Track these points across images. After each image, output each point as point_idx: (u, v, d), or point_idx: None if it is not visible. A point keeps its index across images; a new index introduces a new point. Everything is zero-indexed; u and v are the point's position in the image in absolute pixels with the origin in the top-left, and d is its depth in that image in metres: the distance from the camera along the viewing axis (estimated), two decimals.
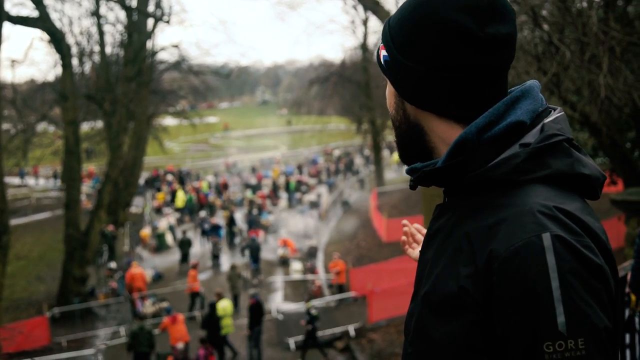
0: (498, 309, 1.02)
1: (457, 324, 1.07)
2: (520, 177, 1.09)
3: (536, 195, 1.07)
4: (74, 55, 24.73)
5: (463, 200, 1.17)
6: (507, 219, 1.05)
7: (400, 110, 1.26)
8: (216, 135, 69.55)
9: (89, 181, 36.72)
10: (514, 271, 1.00)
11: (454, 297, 1.07)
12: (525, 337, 0.99)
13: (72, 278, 19.77)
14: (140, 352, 13.04)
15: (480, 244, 1.06)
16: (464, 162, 1.12)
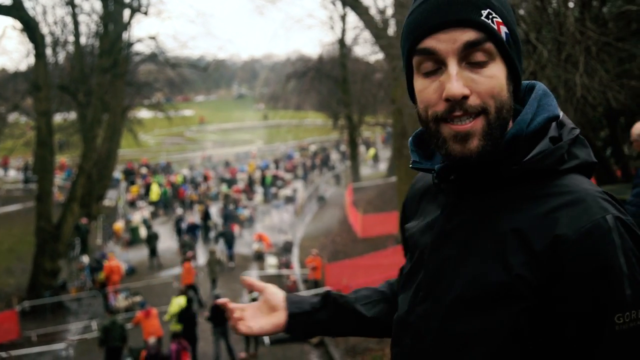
0: (568, 288, 1.07)
1: (503, 315, 1.11)
2: (561, 167, 1.17)
3: (582, 182, 1.16)
4: (48, 44, 24.38)
5: (488, 197, 1.20)
6: (567, 205, 1.11)
7: (510, 93, 1.18)
8: (192, 129, 69.08)
9: (61, 173, 36.22)
10: (587, 250, 1.06)
11: (503, 287, 1.11)
12: (599, 310, 1.05)
13: (43, 271, 19.50)
14: (112, 347, 12.89)
15: (536, 232, 1.10)
16: (513, 155, 1.17)
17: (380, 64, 21.23)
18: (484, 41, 1.13)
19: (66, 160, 39.36)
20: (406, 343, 1.28)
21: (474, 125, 1.13)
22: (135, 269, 21.89)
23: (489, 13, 1.14)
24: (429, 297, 1.24)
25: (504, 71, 1.16)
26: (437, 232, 1.26)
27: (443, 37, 1.13)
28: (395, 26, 17.17)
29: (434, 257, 1.25)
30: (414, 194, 1.48)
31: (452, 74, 1.12)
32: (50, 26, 26.09)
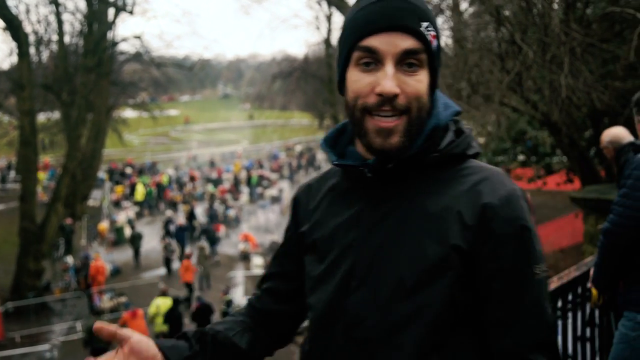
0: (497, 247, 1.27)
1: (440, 287, 1.27)
2: (467, 152, 1.37)
3: (484, 164, 1.39)
4: (31, 43, 24.09)
5: (411, 184, 1.35)
6: (483, 180, 1.31)
7: (429, 99, 1.35)
8: (177, 129, 68.74)
9: (45, 173, 35.91)
10: (508, 213, 1.28)
11: (440, 261, 1.27)
12: (523, 263, 1.28)
13: (27, 272, 19.33)
14: (97, 348, 12.80)
15: (466, 204, 1.29)
16: (434, 144, 1.34)
17: None
18: (420, 51, 1.28)
19: (49, 160, 39.01)
20: (337, 333, 1.36)
21: (397, 123, 1.28)
22: (120, 270, 21.76)
23: (428, 26, 1.29)
24: (364, 284, 1.34)
25: (428, 78, 1.32)
26: (367, 223, 1.36)
27: (385, 40, 1.27)
28: None
29: (366, 246, 1.35)
30: (305, 201, 1.56)
31: (388, 73, 1.26)
32: (33, 25, 25.81)
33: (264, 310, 1.63)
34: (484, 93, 9.00)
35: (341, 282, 1.37)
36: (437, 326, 1.28)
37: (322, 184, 1.54)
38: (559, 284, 3.37)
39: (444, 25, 10.90)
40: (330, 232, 1.43)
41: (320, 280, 1.43)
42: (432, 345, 1.29)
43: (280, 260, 1.64)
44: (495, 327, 1.30)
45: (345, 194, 1.45)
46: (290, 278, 1.59)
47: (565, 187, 15.09)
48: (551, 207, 19.61)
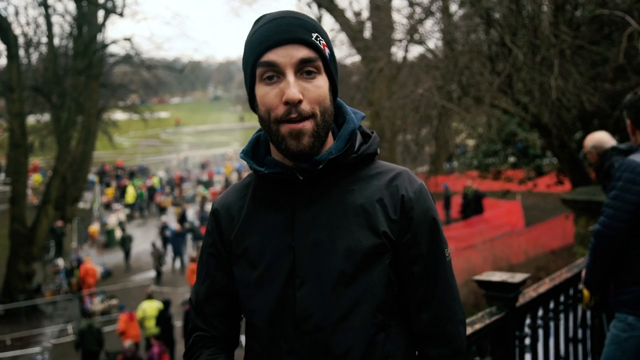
0: (415, 235, 1.48)
1: (379, 271, 1.45)
2: (376, 152, 1.56)
3: (390, 163, 1.58)
4: (21, 45, 23.95)
5: (335, 184, 1.49)
6: (397, 176, 1.51)
7: (331, 102, 1.49)
8: (167, 131, 68.57)
9: (35, 175, 35.70)
10: (422, 205, 1.49)
11: (376, 247, 1.44)
12: (437, 248, 1.50)
13: (17, 275, 19.21)
14: (88, 351, 12.76)
15: (388, 198, 1.48)
16: (352, 146, 1.49)
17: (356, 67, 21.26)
18: (315, 59, 1.42)
19: (38, 162, 38.79)
20: (288, 329, 1.46)
21: (305, 126, 1.40)
22: (111, 272, 21.67)
23: (317, 36, 1.44)
24: (307, 281, 1.45)
25: (327, 84, 1.46)
26: (301, 223, 1.48)
27: (282, 53, 1.40)
28: (372, 29, 17.24)
29: (304, 245, 1.46)
30: (226, 213, 1.62)
31: (290, 82, 1.39)
32: (23, 27, 25.74)
33: (225, 337, 1.66)
34: (475, 95, 9.03)
35: (285, 281, 1.46)
36: (380, 307, 1.46)
37: (239, 195, 1.62)
38: (551, 286, 3.39)
39: (434, 27, 10.95)
40: (261, 238, 1.52)
41: (259, 285, 1.50)
42: (379, 326, 1.46)
43: (213, 278, 1.63)
44: (416, 305, 1.51)
45: (271, 200, 1.54)
46: (228, 292, 1.62)
47: (556, 189, 15.17)
48: (542, 208, 19.71)
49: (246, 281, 1.53)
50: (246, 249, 1.54)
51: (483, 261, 14.82)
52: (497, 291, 2.90)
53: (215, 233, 1.63)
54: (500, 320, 2.82)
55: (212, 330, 1.63)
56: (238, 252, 1.56)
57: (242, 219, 1.57)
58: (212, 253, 1.63)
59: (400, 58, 15.63)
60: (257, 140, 1.63)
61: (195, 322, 1.66)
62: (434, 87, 9.34)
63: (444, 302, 1.51)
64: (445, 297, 1.51)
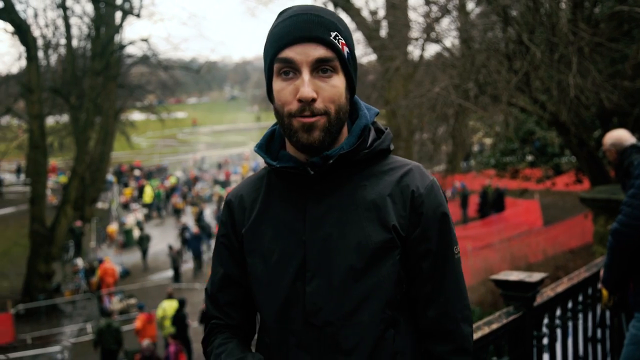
0: (426, 230, 1.48)
1: (388, 266, 1.46)
2: (390, 148, 1.57)
3: (403, 158, 1.59)
4: (40, 47, 24.24)
5: (347, 179, 1.51)
6: (409, 172, 1.52)
7: (347, 100, 1.51)
8: (184, 131, 68.94)
9: (54, 176, 36.05)
10: (433, 201, 1.49)
11: (385, 242, 1.45)
12: (446, 245, 1.50)
13: (38, 274, 19.41)
14: (107, 349, 12.86)
15: (399, 193, 1.49)
16: (364, 141, 1.51)
17: (372, 66, 21.23)
18: (332, 58, 1.43)
19: (59, 163, 39.16)
20: (297, 323, 1.47)
21: (318, 120, 1.42)
22: (129, 272, 21.83)
23: (336, 35, 1.45)
24: (318, 275, 1.47)
25: (344, 83, 1.47)
26: (313, 217, 1.50)
27: (299, 50, 1.42)
28: (388, 28, 17.19)
29: (315, 239, 1.48)
30: (240, 205, 1.64)
31: (305, 80, 1.41)
32: (41, 29, 26.04)
33: (240, 326, 1.68)
34: (492, 93, 8.97)
35: (295, 275, 1.48)
36: (389, 303, 1.47)
37: (253, 187, 1.64)
38: (569, 285, 3.36)
39: (450, 25, 10.89)
40: (273, 231, 1.54)
41: (270, 277, 1.52)
42: (388, 322, 1.47)
43: (226, 268, 1.65)
44: (422, 301, 1.51)
45: (283, 194, 1.56)
46: (241, 283, 1.64)
47: (575, 188, 15.02)
48: (560, 207, 19.55)
49: (257, 273, 1.55)
50: (258, 242, 1.56)
51: (501, 260, 14.73)
52: (515, 291, 2.88)
53: (229, 224, 1.65)
54: (518, 320, 2.80)
55: (226, 318, 1.66)
56: (250, 245, 1.58)
57: (255, 211, 1.59)
58: (225, 244, 1.66)
59: (417, 57, 15.58)
60: (272, 135, 1.65)
61: (211, 311, 1.69)
62: (451, 86, 9.29)
63: (450, 299, 1.51)
64: (452, 295, 1.51)
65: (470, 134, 13.61)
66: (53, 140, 37.52)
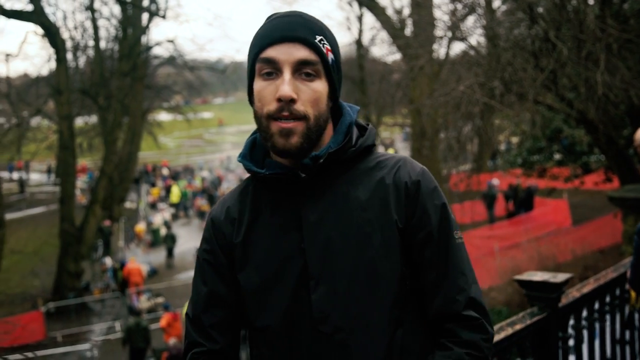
0: (424, 217, 1.45)
1: (392, 265, 1.43)
2: (375, 143, 1.56)
3: (388, 152, 1.56)
4: (69, 49, 24.55)
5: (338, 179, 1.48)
6: (399, 164, 1.49)
7: (329, 108, 1.49)
8: (211, 131, 69.39)
9: (83, 176, 36.56)
10: (427, 187, 1.47)
11: (386, 241, 1.43)
12: (446, 230, 1.47)
13: (67, 273, 19.71)
14: (136, 348, 13.01)
15: (392, 186, 1.46)
16: (350, 139, 1.48)
17: (397, 64, 21.19)
18: (315, 62, 1.41)
19: (87, 163, 39.70)
20: (304, 332, 1.42)
21: (296, 126, 1.40)
22: (156, 271, 22.05)
23: (322, 39, 1.43)
24: (322, 281, 1.43)
25: (326, 88, 1.45)
26: (309, 222, 1.45)
27: (282, 50, 1.40)
28: (413, 26, 17.12)
29: (315, 245, 1.43)
30: (225, 218, 1.57)
31: (285, 79, 1.38)
32: (70, 31, 26.31)
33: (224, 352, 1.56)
34: (518, 91, 8.88)
35: (298, 284, 1.44)
36: (396, 302, 1.43)
37: (238, 199, 1.58)
38: (595, 286, 3.32)
39: (476, 23, 10.80)
40: (266, 242, 1.48)
41: (269, 290, 1.46)
42: (396, 322, 1.43)
43: (211, 287, 1.56)
44: (429, 290, 1.46)
45: (273, 202, 1.51)
46: (228, 302, 1.55)
47: (604, 187, 14.80)
48: (589, 207, 19.25)
49: (253, 287, 1.49)
50: (251, 255, 1.50)
51: (528, 260, 14.56)
52: (539, 291, 2.86)
53: (214, 240, 1.57)
54: (542, 321, 2.77)
55: (210, 343, 1.53)
56: (243, 258, 1.51)
57: (244, 223, 1.53)
58: (209, 261, 1.57)
59: (442, 55, 15.49)
60: (254, 143, 1.62)
61: (192, 337, 1.56)
62: (476, 84, 9.22)
63: (456, 284, 1.44)
64: (457, 279, 1.45)
65: (496, 132, 13.48)
66: (82, 141, 38.08)
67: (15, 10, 18.89)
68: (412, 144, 20.07)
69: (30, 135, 27.47)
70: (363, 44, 33.59)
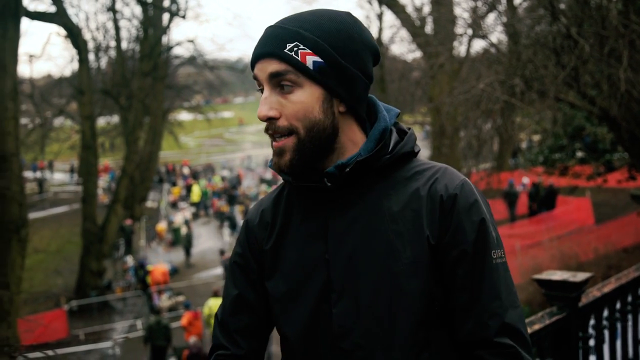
0: (457, 234, 1.33)
1: (420, 282, 1.33)
2: (415, 150, 1.44)
3: (430, 160, 1.46)
4: (91, 50, 24.80)
5: (370, 189, 1.40)
6: (437, 175, 1.38)
7: (329, 114, 1.37)
8: (231, 130, 69.71)
9: (105, 176, 36.93)
10: (464, 200, 1.35)
11: (415, 258, 1.33)
12: (482, 249, 1.33)
13: (89, 271, 19.93)
14: (157, 346, 13.12)
15: (429, 198, 1.36)
16: (384, 146, 1.38)
17: (417, 62, 21.10)
18: (286, 72, 1.33)
19: (109, 163, 40.09)
20: (324, 347, 1.38)
21: (285, 143, 1.35)
22: (177, 269, 22.20)
23: (296, 45, 1.33)
24: (344, 294, 1.37)
25: (314, 95, 1.34)
26: (336, 233, 1.39)
27: (259, 67, 1.36)
28: (433, 24, 17.04)
29: (339, 257, 1.37)
30: (259, 223, 1.54)
31: (262, 98, 1.36)
32: (92, 32, 26.55)
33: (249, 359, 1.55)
34: (539, 89, 8.79)
35: (320, 296, 1.39)
36: (422, 323, 1.34)
37: (273, 203, 1.55)
38: (617, 285, 3.27)
39: (496, 20, 10.72)
40: (294, 250, 1.45)
41: (292, 300, 1.43)
42: (422, 343, 1.34)
43: (240, 291, 1.55)
44: (459, 313, 1.35)
45: (303, 209, 1.47)
46: (255, 308, 1.54)
47: (627, 185, 14.62)
48: (612, 205, 19.03)
49: (279, 296, 1.46)
50: (280, 262, 1.47)
51: (550, 259, 14.44)
52: (558, 291, 2.82)
53: (246, 244, 1.55)
54: (561, 321, 2.73)
55: (234, 347, 1.53)
56: (272, 266, 1.49)
57: (276, 229, 1.50)
58: (240, 264, 1.56)
59: (462, 53, 15.40)
60: None
61: (217, 339, 1.56)
62: (496, 82, 9.15)
63: (489, 309, 1.32)
64: (491, 302, 1.33)
65: (517, 130, 13.37)
66: (104, 141, 38.48)
67: (39, 11, 19.09)
68: (432, 142, 19.98)
69: (54, 135, 27.83)
70: (383, 42, 33.53)
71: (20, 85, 22.25)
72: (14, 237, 12.99)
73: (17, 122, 13.82)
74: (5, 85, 13.15)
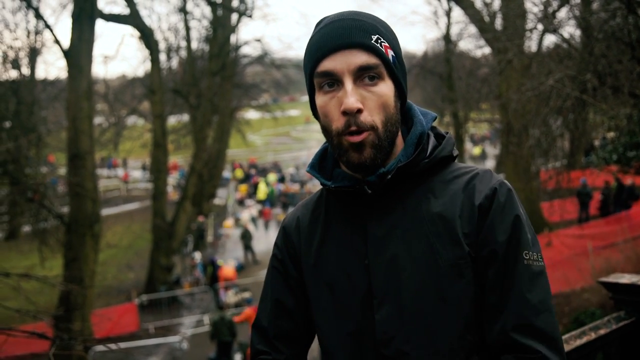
0: (490, 234, 1.31)
1: (462, 284, 1.31)
2: (453, 154, 1.44)
3: (468, 164, 1.45)
4: (162, 50, 25.48)
5: (408, 193, 1.39)
6: (475, 178, 1.38)
7: (398, 111, 1.38)
8: (297, 128, 70.21)
9: (175, 173, 37.85)
10: (499, 200, 1.34)
11: (457, 260, 1.32)
12: (514, 249, 1.31)
13: (159, 267, 20.45)
14: (223, 341, 13.35)
15: (463, 202, 1.35)
16: (422, 150, 1.39)
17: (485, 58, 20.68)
18: (375, 65, 1.31)
19: (178, 161, 41.06)
20: (368, 355, 1.35)
21: (366, 137, 1.31)
22: (244, 266, 22.52)
23: (378, 38, 1.32)
24: (386, 300, 1.34)
25: (392, 89, 1.35)
26: (375, 238, 1.38)
27: (339, 59, 1.30)
28: (502, 19, 16.66)
29: (380, 262, 1.34)
30: (296, 230, 1.54)
31: (348, 90, 1.29)
32: (164, 33, 27.28)
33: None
34: (612, 84, 8.46)
35: (363, 303, 1.37)
36: (469, 326, 1.31)
37: (311, 209, 1.53)
38: None
39: (568, 14, 10.38)
40: (334, 256, 1.43)
41: (334, 307, 1.42)
42: (469, 348, 1.31)
43: (278, 297, 1.54)
44: (488, 315, 1.32)
45: (342, 215, 1.45)
46: (295, 314, 1.52)
47: None
48: None
49: (323, 304, 1.45)
50: (322, 269, 1.45)
51: (625, 261, 13.87)
52: (626, 294, 2.69)
53: (285, 249, 1.55)
54: (630, 326, 2.61)
55: (275, 353, 1.52)
56: (314, 273, 1.47)
57: (316, 235, 1.48)
58: (280, 270, 1.56)
59: (532, 48, 14.99)
60: (325, 153, 1.54)
61: (257, 346, 1.55)
62: (566, 78, 8.86)
63: (517, 311, 1.28)
64: (520, 304, 1.28)
65: (591, 128, 12.91)
66: (176, 139, 39.42)
67: (113, 14, 19.69)
68: (502, 140, 19.55)
69: (127, 133, 28.73)
70: (451, 39, 33.01)
71: (95, 86, 23.11)
72: (87, 233, 13.51)
73: (92, 121, 14.35)
74: (81, 86, 13.68)
